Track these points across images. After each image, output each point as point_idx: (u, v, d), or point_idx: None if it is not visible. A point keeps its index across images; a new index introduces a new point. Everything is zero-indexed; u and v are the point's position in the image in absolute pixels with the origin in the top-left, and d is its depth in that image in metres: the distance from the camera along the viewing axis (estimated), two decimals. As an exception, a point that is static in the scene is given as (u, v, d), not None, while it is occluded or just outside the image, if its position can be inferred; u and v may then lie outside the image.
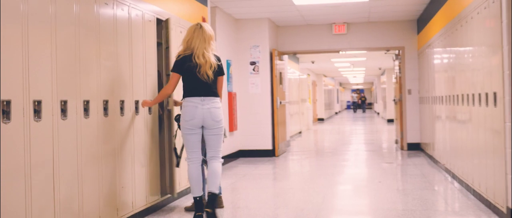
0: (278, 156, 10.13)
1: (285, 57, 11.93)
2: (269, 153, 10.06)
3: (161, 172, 5.37)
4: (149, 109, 4.91)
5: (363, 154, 10.83)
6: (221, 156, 4.68)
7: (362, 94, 48.99)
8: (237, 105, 9.83)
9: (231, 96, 9.37)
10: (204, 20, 6.90)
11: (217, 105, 4.55)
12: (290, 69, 14.35)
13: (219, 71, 4.59)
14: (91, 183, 3.93)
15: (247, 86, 10.09)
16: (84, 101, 3.80)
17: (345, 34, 10.81)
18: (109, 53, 4.19)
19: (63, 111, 3.57)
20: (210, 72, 4.47)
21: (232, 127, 9.36)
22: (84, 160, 3.82)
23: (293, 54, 11.89)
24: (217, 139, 4.63)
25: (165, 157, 5.32)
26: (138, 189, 4.72)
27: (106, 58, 4.14)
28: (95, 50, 3.99)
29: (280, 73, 10.76)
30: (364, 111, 43.51)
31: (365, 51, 13.48)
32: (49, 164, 3.42)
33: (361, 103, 45.42)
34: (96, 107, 3.95)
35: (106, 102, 4.09)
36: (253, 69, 10.08)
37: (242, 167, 8.74)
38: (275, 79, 10.18)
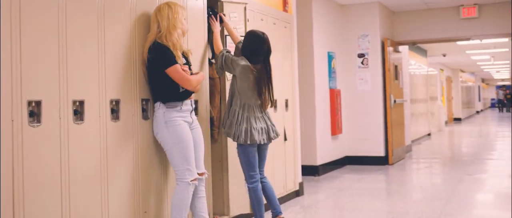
0: (392, 163, 8.60)
1: (404, 48, 10.29)
2: (381, 160, 8.57)
3: (215, 190, 4.32)
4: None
5: None
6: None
7: (509, 91, 43.99)
8: (342, 104, 8.50)
9: (334, 94, 8.07)
10: (286, 2, 5.73)
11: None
12: (414, 63, 12.58)
13: None
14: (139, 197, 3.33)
15: (354, 82, 8.70)
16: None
17: (477, 18, 8.94)
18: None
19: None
20: None
21: (335, 129, 8.05)
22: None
23: (412, 44, 10.18)
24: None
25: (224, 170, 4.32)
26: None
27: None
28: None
29: (396, 66, 9.20)
30: (508, 111, 38.96)
31: (507, 39, 11.23)
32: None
33: (507, 101, 40.72)
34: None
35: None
36: (362, 63, 8.67)
37: (344, 178, 7.41)
38: (388, 74, 8.66)
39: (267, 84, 4.09)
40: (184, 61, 3.54)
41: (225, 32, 4.40)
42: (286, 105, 5.51)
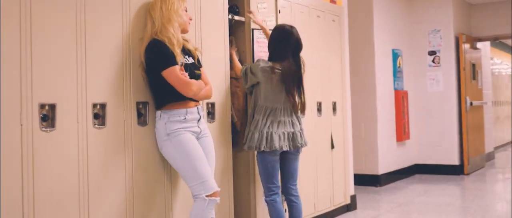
0: (468, 173, 7.65)
1: (484, 45, 9.23)
2: (456, 170, 7.64)
3: (240, 205, 3.79)
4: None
5: None
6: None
7: None
8: (410, 107, 7.67)
9: (400, 96, 7.28)
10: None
11: None
12: (498, 62, 11.36)
13: None
14: None
15: (424, 83, 7.83)
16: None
17: None
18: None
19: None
20: None
21: (401, 135, 7.25)
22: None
23: (494, 40, 9.08)
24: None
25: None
26: None
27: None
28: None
29: (473, 65, 8.21)
30: None
31: None
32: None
33: None
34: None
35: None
36: (433, 61, 7.79)
37: (408, 189, 6.62)
38: (463, 73, 7.72)
39: (296, 82, 3.51)
40: (189, 61, 3.03)
41: (253, 25, 3.85)
42: (334, 109, 4.87)
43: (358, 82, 6.68)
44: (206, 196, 2.88)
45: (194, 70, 3.01)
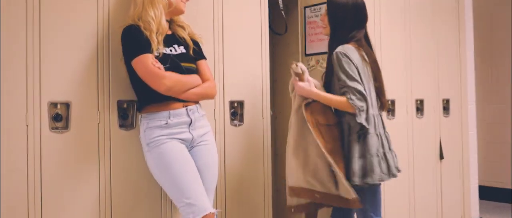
0: None
1: None
2: None
3: None
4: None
5: None
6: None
7: None
8: None
9: None
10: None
11: None
12: None
13: None
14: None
15: None
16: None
17: None
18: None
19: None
20: None
21: None
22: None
23: None
24: None
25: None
26: None
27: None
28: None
29: None
30: None
31: None
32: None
33: None
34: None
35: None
36: None
37: None
38: None
39: (379, 70, 2.59)
40: (176, 51, 2.36)
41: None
42: (445, 108, 3.76)
43: (490, 72, 5.23)
44: None
45: (181, 62, 2.31)
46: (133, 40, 2.23)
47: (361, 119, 2.35)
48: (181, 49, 2.36)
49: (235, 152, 2.75)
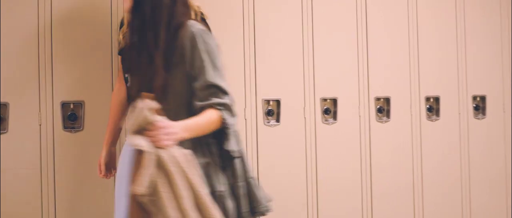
0: None
1: None
2: None
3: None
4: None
5: None
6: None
7: None
8: None
9: None
10: None
11: None
12: None
13: None
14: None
15: None
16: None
17: None
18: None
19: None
20: None
21: None
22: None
23: None
24: None
25: None
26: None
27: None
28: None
29: None
30: None
31: None
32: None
33: None
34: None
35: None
36: None
37: None
38: None
39: None
40: None
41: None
42: (479, 108, 2.98)
43: None
44: None
45: None
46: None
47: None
48: None
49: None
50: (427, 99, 2.95)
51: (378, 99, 2.82)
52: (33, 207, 2.22)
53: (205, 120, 1.64)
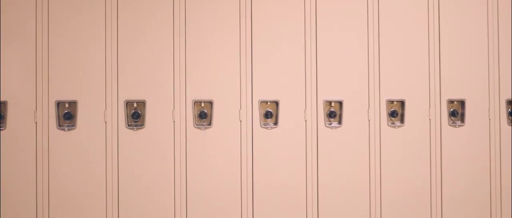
0: None
1: None
2: None
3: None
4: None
5: None
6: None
7: None
8: None
9: None
10: None
11: None
12: None
13: None
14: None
15: None
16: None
17: None
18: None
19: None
20: None
21: None
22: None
23: None
24: None
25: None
26: None
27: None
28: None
29: None
30: None
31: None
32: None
33: None
34: None
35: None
36: None
37: None
38: None
39: None
40: None
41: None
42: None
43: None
44: None
45: None
46: None
47: None
48: None
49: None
50: (451, 102, 2.70)
51: (391, 102, 2.64)
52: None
53: None
